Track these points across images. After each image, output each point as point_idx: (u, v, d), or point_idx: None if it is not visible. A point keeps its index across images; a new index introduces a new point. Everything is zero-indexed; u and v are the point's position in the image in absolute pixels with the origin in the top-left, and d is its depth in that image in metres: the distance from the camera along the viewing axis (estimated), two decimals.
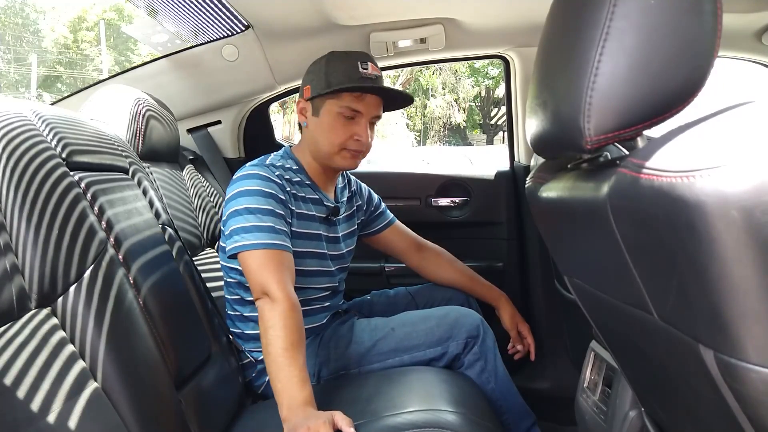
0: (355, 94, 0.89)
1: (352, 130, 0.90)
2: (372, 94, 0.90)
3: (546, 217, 0.65)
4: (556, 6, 0.52)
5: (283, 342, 0.74)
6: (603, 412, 0.73)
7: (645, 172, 0.37)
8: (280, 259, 0.80)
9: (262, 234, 0.81)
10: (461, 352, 0.90)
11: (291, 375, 0.72)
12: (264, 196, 0.84)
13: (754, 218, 0.31)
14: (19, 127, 0.63)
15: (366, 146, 0.92)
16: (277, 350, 0.73)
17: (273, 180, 0.87)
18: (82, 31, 15.98)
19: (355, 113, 0.90)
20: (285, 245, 0.82)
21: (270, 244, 0.80)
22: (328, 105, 0.91)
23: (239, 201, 0.84)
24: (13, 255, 0.55)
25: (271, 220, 0.82)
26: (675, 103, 0.43)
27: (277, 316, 0.75)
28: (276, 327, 0.75)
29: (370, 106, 0.91)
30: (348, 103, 0.89)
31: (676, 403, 0.52)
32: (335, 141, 0.90)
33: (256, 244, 0.80)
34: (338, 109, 0.90)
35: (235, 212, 0.83)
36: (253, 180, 0.85)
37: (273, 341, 0.74)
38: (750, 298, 0.33)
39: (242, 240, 0.81)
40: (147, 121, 1.07)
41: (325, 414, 0.68)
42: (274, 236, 0.81)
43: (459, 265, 1.14)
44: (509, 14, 1.13)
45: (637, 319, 0.47)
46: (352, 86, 0.87)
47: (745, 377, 0.36)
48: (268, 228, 0.81)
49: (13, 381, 0.49)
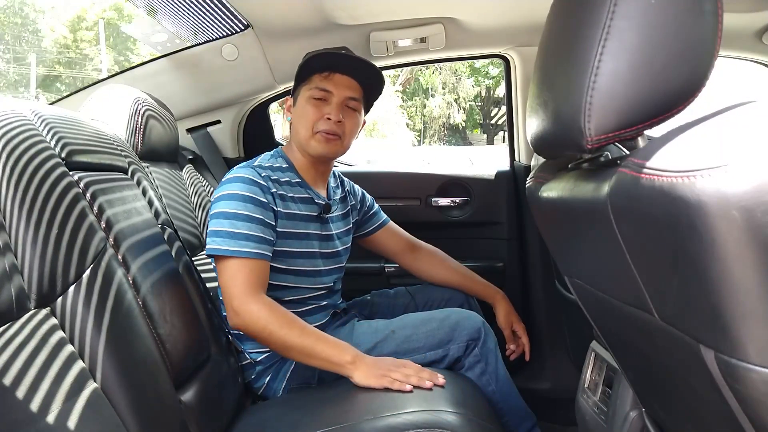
0: (324, 74, 0.91)
1: (322, 110, 0.92)
2: (338, 72, 0.91)
3: (546, 217, 0.65)
4: (557, 5, 0.52)
5: (293, 332, 0.79)
6: (603, 412, 0.73)
7: (646, 172, 0.37)
8: (249, 267, 0.82)
9: (233, 241, 0.83)
10: (462, 354, 0.90)
11: (326, 342, 0.79)
12: (243, 200, 0.85)
13: (754, 218, 0.31)
14: (18, 126, 0.63)
15: (341, 129, 0.92)
16: (296, 341, 0.79)
17: (257, 182, 0.87)
18: (81, 31, 15.96)
19: (325, 93, 0.92)
20: (255, 252, 0.84)
21: (241, 252, 0.82)
22: (302, 92, 0.94)
23: (219, 204, 0.86)
24: (12, 255, 0.55)
25: (246, 226, 0.84)
26: (676, 103, 0.43)
27: (263, 322, 0.79)
28: (277, 328, 0.79)
29: (340, 86, 0.92)
30: (317, 83, 0.92)
31: (677, 404, 0.51)
32: (308, 123, 0.92)
33: (226, 250, 0.82)
34: (309, 93, 0.92)
35: (215, 215, 0.86)
36: (235, 183, 0.87)
37: (287, 338, 0.79)
38: (751, 299, 0.33)
39: (214, 244, 0.83)
40: (146, 120, 1.07)
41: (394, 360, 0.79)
42: (246, 243, 0.83)
43: (453, 263, 1.14)
44: (510, 14, 1.13)
45: (637, 319, 0.47)
46: (313, 57, 0.89)
47: (745, 377, 0.36)
48: (242, 235, 0.83)
49: (13, 381, 0.49)
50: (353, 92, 0.93)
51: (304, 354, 0.80)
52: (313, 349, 0.79)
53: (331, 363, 0.79)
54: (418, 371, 0.78)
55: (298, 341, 0.79)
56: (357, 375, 0.78)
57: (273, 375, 0.93)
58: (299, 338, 0.79)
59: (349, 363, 0.78)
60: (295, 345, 0.79)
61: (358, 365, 0.78)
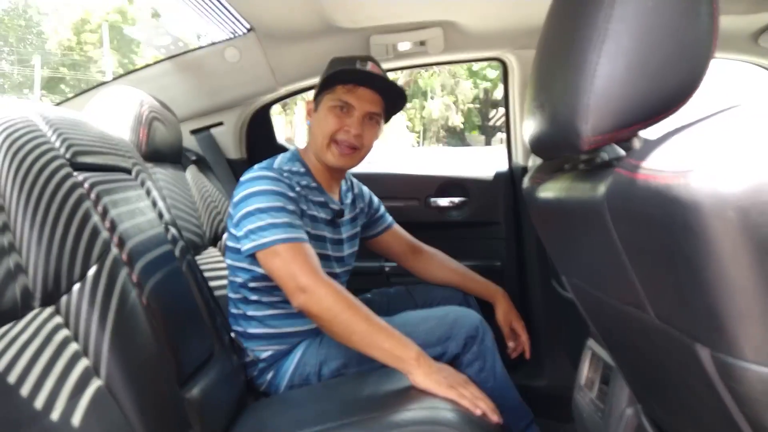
0: (348, 86, 0.91)
1: (343, 121, 0.92)
2: (362, 86, 0.91)
3: (544, 218, 0.65)
4: (554, 9, 0.53)
5: (358, 316, 0.77)
6: (600, 409, 0.73)
7: (642, 173, 0.37)
8: (303, 250, 0.81)
9: (279, 230, 0.81)
10: (460, 351, 0.90)
11: (390, 333, 0.77)
12: (274, 194, 0.85)
13: (750, 219, 0.31)
14: (23, 128, 0.64)
15: (359, 142, 0.93)
16: (363, 326, 0.76)
17: (282, 181, 0.88)
18: (85, 33, 16.03)
19: (348, 105, 0.92)
20: (304, 238, 0.83)
21: (290, 238, 0.81)
22: (324, 99, 0.94)
23: (249, 202, 0.85)
24: (18, 254, 0.56)
25: (286, 216, 0.83)
26: (671, 104, 0.43)
27: (331, 302, 0.77)
28: (342, 311, 0.77)
29: (363, 100, 0.92)
30: (340, 95, 0.91)
31: (673, 401, 0.52)
32: (326, 131, 0.92)
33: (275, 240, 0.81)
34: (332, 102, 0.92)
35: (248, 213, 0.84)
36: (261, 181, 0.86)
37: (352, 321, 0.76)
38: (746, 298, 0.34)
39: (260, 239, 0.81)
40: (150, 122, 1.08)
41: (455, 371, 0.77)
42: (292, 230, 0.82)
43: (453, 264, 1.14)
44: (507, 17, 1.13)
45: (634, 318, 0.47)
46: (341, 71, 0.88)
47: (741, 376, 0.36)
48: (284, 224, 0.82)
49: (17, 379, 0.49)
50: (375, 107, 0.93)
51: (366, 342, 0.76)
52: (377, 338, 0.76)
53: (393, 356, 0.75)
54: (483, 396, 0.74)
55: (362, 327, 0.76)
56: (418, 374, 0.74)
57: (275, 372, 0.93)
58: (364, 324, 0.76)
59: (413, 359, 0.75)
60: (358, 330, 0.76)
61: (421, 364, 0.74)
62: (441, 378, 0.74)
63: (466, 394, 0.73)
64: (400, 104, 0.99)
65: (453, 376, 0.76)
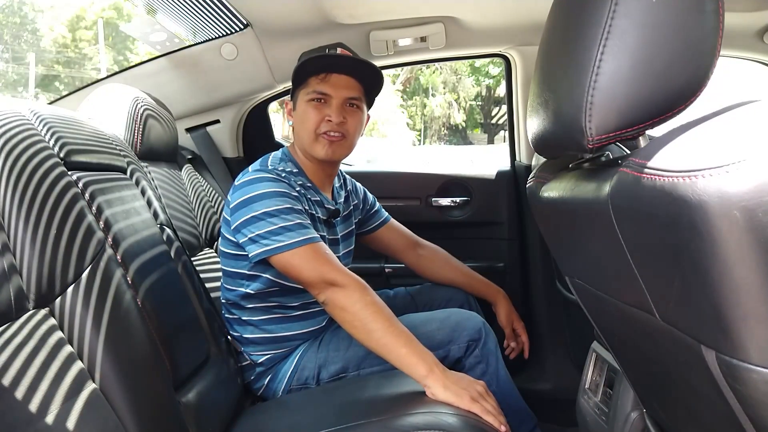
0: (320, 76, 0.89)
1: (323, 112, 0.90)
2: (335, 73, 0.89)
3: (547, 218, 0.65)
4: (558, 4, 0.52)
5: (382, 316, 0.76)
6: (604, 413, 0.73)
7: (647, 172, 0.37)
8: (322, 249, 0.81)
9: (293, 233, 0.80)
10: (463, 355, 0.90)
11: (409, 339, 0.76)
12: (279, 196, 0.84)
13: (756, 219, 0.31)
14: (17, 126, 0.63)
15: (344, 129, 0.90)
16: (384, 325, 0.76)
17: (282, 181, 0.87)
18: (80, 30, 15.93)
19: (323, 96, 0.90)
20: (318, 236, 0.83)
21: (307, 239, 0.81)
22: (300, 95, 0.92)
23: (254, 207, 0.83)
24: (11, 255, 0.55)
25: (296, 217, 0.83)
26: (677, 103, 0.43)
27: (359, 296, 0.77)
28: (366, 306, 0.76)
29: (338, 87, 0.90)
30: (314, 86, 0.90)
31: (678, 404, 0.51)
32: (309, 127, 0.90)
33: (292, 244, 0.80)
34: (307, 96, 0.91)
35: (254, 218, 0.82)
36: (263, 183, 0.85)
37: (373, 319, 0.76)
38: (752, 299, 0.33)
39: (274, 243, 0.80)
40: (145, 120, 1.07)
41: (473, 379, 0.74)
42: (306, 231, 0.82)
43: (456, 262, 1.14)
44: (510, 13, 1.13)
45: (638, 319, 0.47)
46: (308, 60, 0.87)
47: (746, 378, 0.36)
48: (296, 225, 0.81)
49: (11, 382, 0.49)
50: (352, 91, 0.91)
51: (383, 344, 0.75)
52: (395, 341, 0.74)
53: (407, 362, 0.73)
54: (498, 409, 0.72)
55: (382, 327, 0.75)
56: (436, 386, 0.72)
57: (273, 376, 0.92)
58: (385, 323, 0.75)
59: (430, 371, 0.72)
60: (378, 330, 0.75)
61: (438, 376, 0.72)
62: (460, 390, 0.71)
63: (489, 409, 0.70)
64: (378, 84, 0.96)
65: (471, 385, 0.73)
